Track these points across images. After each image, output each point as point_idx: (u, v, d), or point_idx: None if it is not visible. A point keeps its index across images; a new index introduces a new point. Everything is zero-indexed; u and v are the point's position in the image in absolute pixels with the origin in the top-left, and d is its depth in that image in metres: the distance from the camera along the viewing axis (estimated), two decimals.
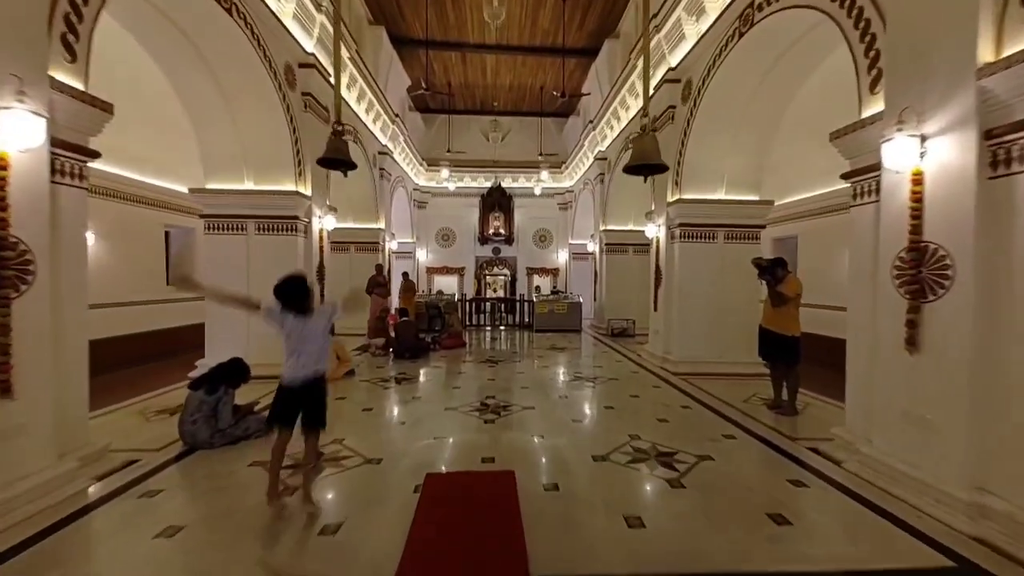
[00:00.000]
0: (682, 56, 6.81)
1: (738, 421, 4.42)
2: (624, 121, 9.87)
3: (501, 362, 7.49)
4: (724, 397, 5.30)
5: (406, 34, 11.21)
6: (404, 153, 13.35)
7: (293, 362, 2.67)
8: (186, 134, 6.32)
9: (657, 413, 4.62)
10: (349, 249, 10.88)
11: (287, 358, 2.70)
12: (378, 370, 6.82)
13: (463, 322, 11.82)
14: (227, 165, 6.31)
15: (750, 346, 6.97)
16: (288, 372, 2.69)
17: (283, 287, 2.76)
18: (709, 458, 3.45)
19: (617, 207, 11.28)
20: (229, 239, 6.39)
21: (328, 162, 4.33)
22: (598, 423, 4.33)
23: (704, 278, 6.88)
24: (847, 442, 3.55)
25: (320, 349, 2.76)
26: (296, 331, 2.69)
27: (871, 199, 3.46)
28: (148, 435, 4.03)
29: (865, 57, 3.48)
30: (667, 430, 4.10)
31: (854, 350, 3.61)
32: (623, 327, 10.93)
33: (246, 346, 6.33)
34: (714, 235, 6.93)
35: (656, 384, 5.91)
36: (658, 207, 7.71)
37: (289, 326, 2.70)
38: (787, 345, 4.79)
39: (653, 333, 7.83)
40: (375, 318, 8.67)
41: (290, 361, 2.69)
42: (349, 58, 7.87)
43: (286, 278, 2.80)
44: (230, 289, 3.20)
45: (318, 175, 7.13)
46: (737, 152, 6.66)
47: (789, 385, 4.86)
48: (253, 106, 5.98)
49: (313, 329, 2.73)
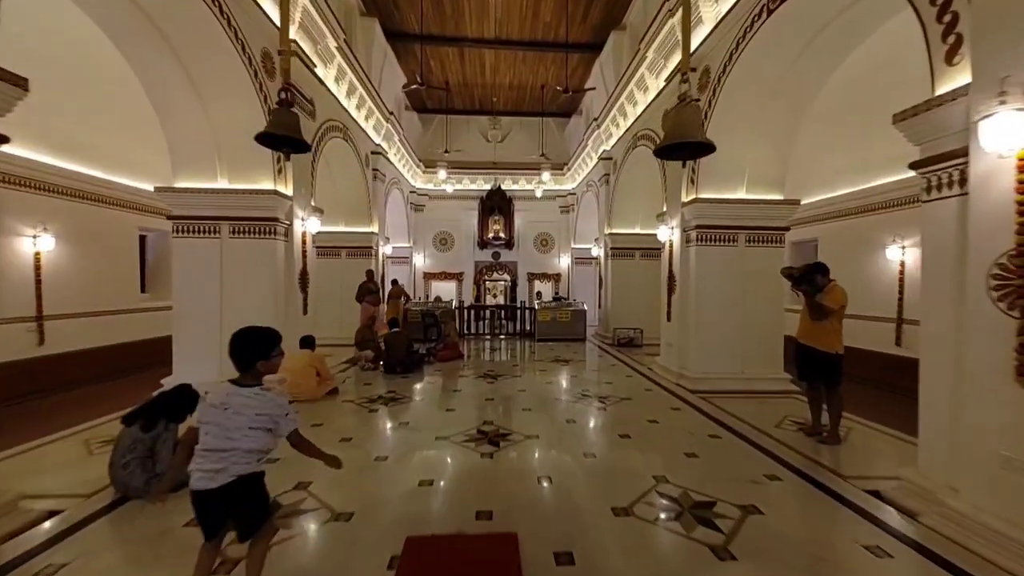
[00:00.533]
0: (699, 42, 6.22)
1: (777, 454, 3.78)
2: (631, 118, 9.28)
3: (501, 376, 6.85)
4: (753, 421, 4.66)
5: (400, 28, 10.65)
6: (400, 154, 12.76)
7: (204, 462, 1.79)
8: (161, 130, 5.72)
9: (682, 444, 3.97)
10: (340, 254, 10.27)
11: (196, 454, 1.82)
12: (365, 387, 6.18)
13: (460, 331, 11.19)
14: (198, 161, 5.71)
15: (773, 360, 6.37)
16: (197, 476, 1.79)
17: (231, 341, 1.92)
18: (756, 510, 2.81)
19: (623, 209, 10.68)
20: (200, 243, 5.78)
21: (270, 140, 3.19)
22: (615, 458, 3.67)
23: (723, 285, 6.26)
24: (921, 488, 2.92)
25: (249, 452, 1.82)
26: (214, 418, 1.80)
27: (953, 192, 2.84)
28: (84, 474, 3.39)
29: (938, 22, 2.88)
30: (698, 469, 3.45)
31: (931, 377, 2.98)
32: (630, 336, 10.30)
33: (219, 364, 5.70)
34: (734, 238, 6.32)
35: (675, 406, 5.26)
36: (671, 208, 7.10)
37: (203, 408, 1.85)
38: (829, 364, 4.16)
39: (666, 346, 7.20)
40: (364, 327, 8.04)
41: (200, 461, 1.80)
42: (337, 48, 7.29)
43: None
44: (180, 454, 1.96)
45: (301, 173, 6.53)
46: (759, 147, 6.06)
47: (831, 409, 4.22)
48: (225, 95, 5.38)
49: (240, 420, 1.80)
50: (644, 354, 9.15)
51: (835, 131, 7.40)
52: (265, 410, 1.84)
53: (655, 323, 10.69)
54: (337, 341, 9.62)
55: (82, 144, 6.79)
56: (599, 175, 11.47)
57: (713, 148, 2.49)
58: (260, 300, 5.81)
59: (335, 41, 7.13)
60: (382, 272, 11.49)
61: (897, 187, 6.87)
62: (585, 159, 13.04)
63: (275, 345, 1.95)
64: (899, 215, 6.93)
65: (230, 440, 1.79)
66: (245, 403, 1.83)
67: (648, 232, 10.63)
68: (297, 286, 6.42)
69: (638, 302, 10.66)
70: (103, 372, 7.11)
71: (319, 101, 7.11)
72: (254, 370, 1.90)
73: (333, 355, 8.65)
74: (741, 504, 2.86)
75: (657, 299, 11.00)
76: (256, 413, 1.83)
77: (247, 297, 5.78)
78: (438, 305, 11.55)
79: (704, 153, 2.48)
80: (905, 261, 6.83)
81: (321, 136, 7.37)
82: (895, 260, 6.92)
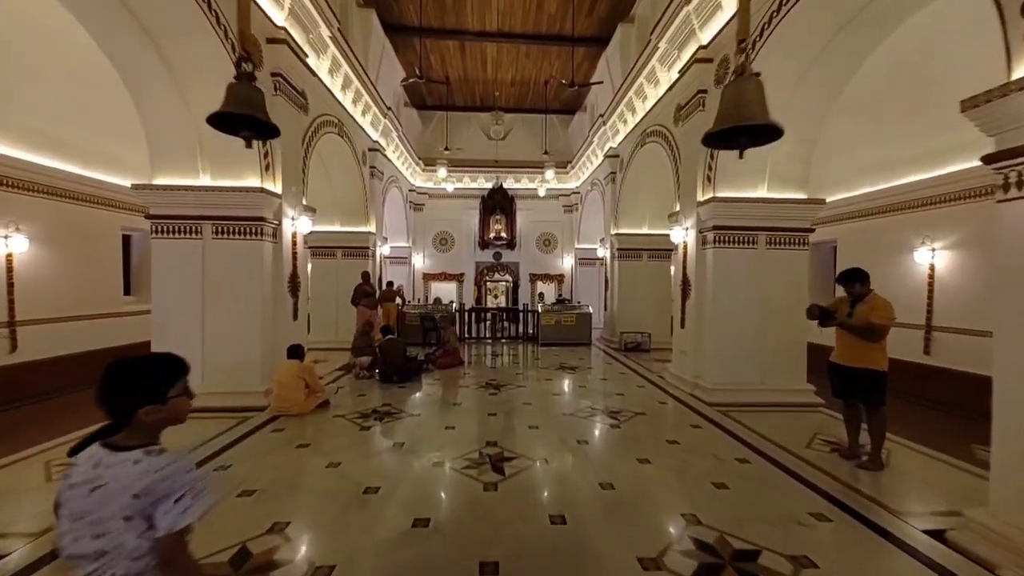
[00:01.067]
0: (716, 30, 5.80)
1: (816, 484, 3.37)
2: (640, 114, 8.86)
3: (504, 386, 6.44)
4: (782, 441, 4.25)
5: (399, 20, 10.23)
6: (398, 151, 12.35)
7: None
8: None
9: (709, 471, 3.55)
10: (336, 255, 9.86)
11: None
12: (360, 399, 5.77)
13: (461, 336, 10.78)
14: (178, 155, 5.30)
15: (795, 370, 5.95)
16: None
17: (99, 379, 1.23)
18: (809, 562, 2.39)
19: (630, 208, 10.26)
20: (181, 244, 5.37)
21: (225, 122, 2.46)
22: (636, 491, 3.23)
23: (742, 290, 5.85)
24: (994, 533, 2.50)
25: (136, 558, 1.14)
26: (77, 506, 1.12)
27: None
28: (35, 506, 3.00)
29: None
30: (731, 504, 3.03)
31: (1009, 402, 2.56)
32: (637, 341, 9.90)
33: (201, 378, 5.30)
34: (754, 239, 5.90)
35: (694, 423, 4.85)
36: (685, 207, 6.69)
37: (60, 490, 1.16)
38: (872, 381, 3.75)
39: (679, 354, 6.78)
40: (361, 334, 7.62)
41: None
42: (330, 37, 6.87)
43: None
44: None
45: (291, 169, 6.12)
46: (783, 142, 5.59)
47: (873, 430, 3.80)
48: (207, 84, 4.96)
49: (113, 505, 1.11)
50: (653, 360, 8.74)
51: (859, 125, 6.98)
52: (147, 487, 1.12)
53: (663, 327, 10.33)
54: (332, 345, 9.23)
55: (60, 139, 6.38)
56: (605, 173, 11.05)
57: (780, 132, 2.06)
58: (246, 306, 5.40)
59: (328, 30, 6.71)
60: (379, 273, 11.09)
61: (928, 185, 6.44)
62: (590, 157, 12.62)
63: (169, 382, 1.25)
64: (929, 215, 6.51)
65: (101, 538, 1.11)
66: (119, 476, 1.13)
67: (656, 232, 10.23)
68: (287, 290, 6.01)
69: (646, 305, 10.25)
70: (82, 380, 6.69)
71: (311, 94, 6.69)
72: (135, 423, 1.20)
73: (328, 360, 8.28)
74: (791, 555, 2.44)
75: (665, 302, 10.64)
76: (132, 495, 1.11)
77: (232, 303, 5.37)
78: (437, 308, 11.13)
79: (767, 139, 2.05)
80: (935, 264, 6.41)
81: (314, 131, 6.96)
82: (924, 263, 6.50)
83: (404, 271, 14.72)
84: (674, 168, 7.20)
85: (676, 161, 7.11)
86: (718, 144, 2.22)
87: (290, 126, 5.99)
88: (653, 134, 8.15)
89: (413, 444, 4.11)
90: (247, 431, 4.44)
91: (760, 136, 2.07)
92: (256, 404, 5.19)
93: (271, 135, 2.65)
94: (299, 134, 6.43)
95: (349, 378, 6.98)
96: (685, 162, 6.76)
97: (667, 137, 7.48)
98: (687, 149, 6.65)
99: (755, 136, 2.07)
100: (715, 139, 2.10)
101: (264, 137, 2.71)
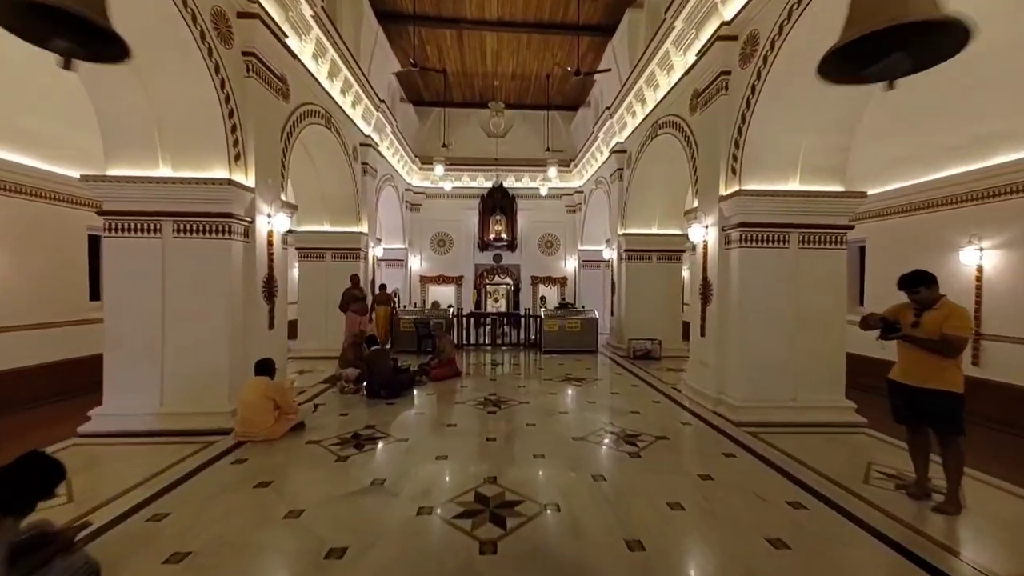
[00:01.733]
0: (742, 3, 5.17)
1: (890, 536, 2.71)
2: (651, 104, 8.23)
3: (505, 403, 5.77)
4: (834, 475, 3.59)
5: (393, 7, 9.62)
6: (393, 147, 11.72)
7: None
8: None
9: (757, 521, 2.89)
10: (325, 256, 9.21)
11: None
12: (341, 419, 5.10)
13: (459, 343, 10.12)
14: (134, 143, 4.68)
15: (832, 384, 5.28)
16: None
17: None
18: None
19: (639, 207, 9.60)
20: (138, 244, 4.74)
21: (28, 24, 1.61)
22: (672, 551, 2.50)
23: (771, 294, 5.22)
24: None
25: None
26: None
27: None
28: None
29: None
30: (796, 570, 2.37)
31: None
32: (647, 348, 9.24)
33: (159, 394, 4.68)
34: (785, 238, 5.27)
35: (727, 450, 4.16)
36: (705, 203, 6.05)
37: None
38: (944, 406, 3.10)
39: (699, 365, 6.13)
40: (351, 344, 6.95)
41: None
42: (313, 17, 6.25)
43: None
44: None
45: (268, 160, 5.48)
46: (817, 129, 5.01)
47: (949, 465, 3.14)
48: (165, 62, 4.34)
49: None
50: (665, 369, 8.09)
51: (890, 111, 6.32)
52: None
53: (675, 333, 9.68)
54: (319, 353, 8.59)
55: (16, 129, 5.75)
56: (611, 170, 10.41)
57: (967, 33, 1.32)
58: (212, 313, 4.76)
59: (310, 9, 6.09)
60: (372, 276, 10.44)
61: (975, 177, 5.79)
62: (595, 153, 11.99)
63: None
64: (976, 211, 5.86)
65: None
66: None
67: (666, 232, 9.60)
68: (261, 295, 5.36)
69: (655, 310, 9.59)
70: (42, 394, 6.06)
71: (293, 79, 6.07)
72: None
73: (315, 370, 7.62)
74: None
75: (676, 306, 10.00)
76: None
77: (196, 310, 4.73)
78: (434, 313, 10.47)
79: (936, 54, 1.29)
80: (983, 265, 5.76)
81: (297, 120, 6.32)
82: (971, 264, 5.85)
83: (400, 274, 14.08)
84: (691, 160, 6.56)
85: (694, 153, 6.46)
86: (839, 73, 1.43)
87: (264, 111, 5.36)
88: (666, 125, 7.52)
89: (396, 481, 3.44)
90: (203, 462, 3.78)
91: (922, 48, 1.28)
92: (223, 426, 4.55)
93: (111, 55, 1.74)
94: (278, 123, 5.80)
95: (333, 392, 6.32)
96: (704, 153, 6.12)
97: (682, 127, 6.85)
98: (706, 138, 6.01)
99: (913, 47, 1.27)
100: (839, 62, 1.32)
101: (100, 59, 1.77)
